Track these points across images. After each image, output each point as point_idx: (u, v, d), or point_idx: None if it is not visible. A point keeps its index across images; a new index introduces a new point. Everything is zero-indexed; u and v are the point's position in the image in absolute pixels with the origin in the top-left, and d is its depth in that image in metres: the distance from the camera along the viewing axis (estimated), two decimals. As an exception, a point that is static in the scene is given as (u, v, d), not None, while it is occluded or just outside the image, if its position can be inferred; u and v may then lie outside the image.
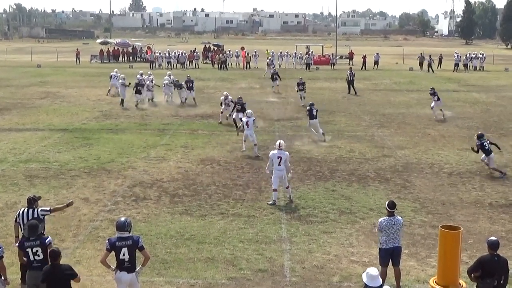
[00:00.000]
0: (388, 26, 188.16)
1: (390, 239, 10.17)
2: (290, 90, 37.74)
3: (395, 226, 10.15)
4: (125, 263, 8.85)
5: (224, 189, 16.19)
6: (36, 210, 10.23)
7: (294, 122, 26.31)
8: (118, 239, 8.85)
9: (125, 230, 8.87)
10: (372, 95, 35.93)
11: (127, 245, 8.81)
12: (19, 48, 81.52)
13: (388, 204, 10.30)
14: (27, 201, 10.40)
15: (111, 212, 14.14)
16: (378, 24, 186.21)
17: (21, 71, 49.52)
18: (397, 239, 10.23)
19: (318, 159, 19.53)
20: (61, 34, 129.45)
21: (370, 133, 24.14)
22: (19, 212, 10.30)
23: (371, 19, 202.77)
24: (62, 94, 34.89)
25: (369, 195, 15.76)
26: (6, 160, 19.11)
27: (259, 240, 12.50)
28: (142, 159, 19.35)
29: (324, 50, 63.55)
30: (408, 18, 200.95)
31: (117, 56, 62.11)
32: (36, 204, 10.36)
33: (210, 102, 32.48)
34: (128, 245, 8.81)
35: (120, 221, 9.01)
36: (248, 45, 72.87)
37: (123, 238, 8.84)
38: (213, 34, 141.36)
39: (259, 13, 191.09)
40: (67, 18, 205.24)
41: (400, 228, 10.28)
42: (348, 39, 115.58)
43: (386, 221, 10.15)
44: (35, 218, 10.00)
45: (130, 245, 8.82)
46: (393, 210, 10.23)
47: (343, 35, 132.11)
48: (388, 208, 10.23)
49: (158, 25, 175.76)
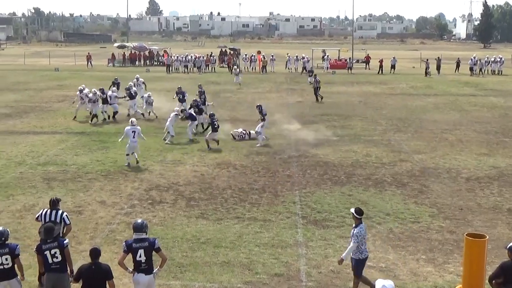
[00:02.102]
0: (405, 29, 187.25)
1: (365, 247, 10.13)
2: (306, 95, 37.73)
3: (366, 233, 10.13)
4: (142, 264, 8.94)
5: (240, 193, 16.19)
6: (59, 212, 10.32)
7: (311, 126, 26.24)
8: (135, 240, 8.98)
9: (142, 231, 9.01)
10: (389, 100, 35.76)
11: (144, 247, 8.92)
12: (37, 52, 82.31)
13: (357, 211, 10.07)
14: (50, 202, 10.49)
15: (128, 215, 14.20)
16: (395, 27, 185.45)
17: (39, 75, 49.99)
18: (366, 246, 10.20)
19: (335, 164, 19.47)
20: (78, 38, 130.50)
21: (386, 137, 24.02)
22: (41, 212, 10.41)
23: (387, 23, 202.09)
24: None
25: (386, 200, 15.68)
26: (24, 162, 19.29)
27: (275, 245, 12.48)
28: (159, 163, 19.42)
29: (340, 54, 63.40)
30: (425, 21, 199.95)
31: (134, 60, 62.49)
32: (59, 205, 10.46)
33: (226, 106, 32.53)
34: (145, 247, 8.93)
35: (137, 223, 9.15)
36: (264, 49, 72.92)
37: (139, 240, 8.96)
38: (230, 38, 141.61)
39: (275, 17, 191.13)
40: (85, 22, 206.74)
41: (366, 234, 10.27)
42: (365, 43, 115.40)
43: (362, 230, 9.98)
44: (56, 220, 10.10)
45: (146, 246, 8.94)
46: (361, 216, 10.08)
47: (359, 39, 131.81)
48: (357, 215, 10.01)
49: (174, 29, 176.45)
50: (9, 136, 23.52)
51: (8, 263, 8.87)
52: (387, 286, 7.53)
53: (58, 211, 10.35)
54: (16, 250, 8.93)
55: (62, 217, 10.31)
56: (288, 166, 19.14)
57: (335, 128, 26.06)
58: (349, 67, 55.30)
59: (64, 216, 10.36)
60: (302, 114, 29.72)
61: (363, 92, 39.51)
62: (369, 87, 42.35)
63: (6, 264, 8.86)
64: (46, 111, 29.68)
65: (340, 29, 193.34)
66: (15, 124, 26.36)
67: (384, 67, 53.16)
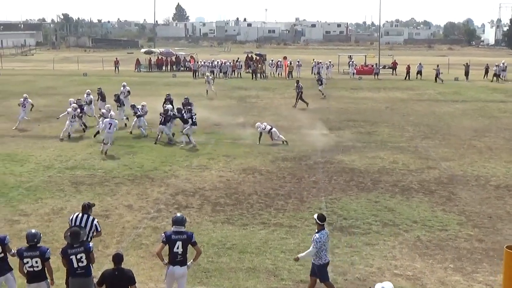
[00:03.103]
0: (433, 35, 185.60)
1: (326, 253, 10.13)
2: (332, 100, 37.60)
3: (328, 239, 10.13)
4: (178, 256, 9.40)
5: (266, 198, 16.18)
6: (90, 218, 10.36)
7: (337, 133, 26.14)
8: (174, 233, 9.45)
9: (182, 224, 9.54)
10: (416, 106, 35.44)
11: (182, 239, 9.41)
12: (66, 57, 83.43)
13: (319, 217, 10.09)
14: (82, 207, 10.57)
15: (154, 220, 14.28)
16: (422, 33, 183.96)
17: (68, 80, 50.65)
18: (327, 252, 10.22)
19: (361, 170, 19.34)
20: (106, 44, 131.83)
21: (413, 144, 23.80)
22: (72, 216, 10.49)
23: (415, 28, 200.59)
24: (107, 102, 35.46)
25: (413, 207, 15.51)
26: (53, 166, 19.54)
27: (300, 251, 12.39)
28: (185, 168, 19.51)
29: (366, 59, 63.06)
30: (453, 27, 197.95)
31: (160, 65, 62.98)
32: (91, 211, 10.55)
33: (252, 111, 32.57)
34: (183, 239, 9.42)
35: (177, 216, 9.70)
36: (290, 55, 72.90)
37: (178, 233, 9.44)
38: (255, 43, 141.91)
39: (301, 22, 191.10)
40: (113, 28, 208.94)
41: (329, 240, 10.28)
42: (391, 49, 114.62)
43: (323, 236, 9.97)
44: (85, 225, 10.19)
45: (184, 239, 9.43)
46: (324, 222, 10.09)
47: (386, 44, 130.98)
48: (319, 221, 10.03)
49: (201, 35, 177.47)
50: (38, 141, 23.85)
51: (38, 265, 8.98)
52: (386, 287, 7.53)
53: (89, 217, 10.38)
54: (46, 253, 9.03)
55: (93, 223, 10.33)
56: (314, 172, 19.08)
57: (361, 134, 25.91)
58: (376, 73, 54.99)
59: (95, 223, 10.37)
60: (328, 120, 29.60)
61: (389, 98, 39.23)
62: (396, 93, 42.04)
63: (36, 266, 8.97)
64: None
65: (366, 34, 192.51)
66: (44, 129, 26.74)
67: (411, 73, 52.74)
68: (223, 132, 26.19)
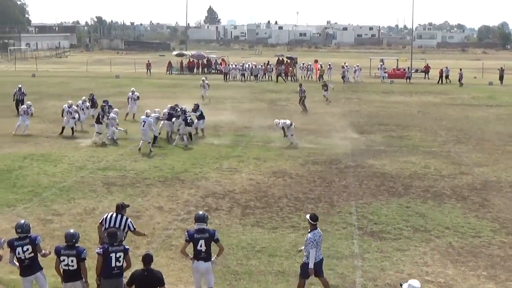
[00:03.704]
0: (466, 39, 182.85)
1: (318, 253, 10.17)
2: (363, 104, 37.37)
3: (320, 238, 10.20)
4: (202, 253, 9.64)
5: (296, 202, 16.13)
6: (123, 218, 10.54)
7: (368, 137, 25.95)
8: (196, 231, 9.68)
9: (203, 221, 9.79)
10: (449, 110, 34.99)
11: (204, 237, 9.63)
12: (99, 60, 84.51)
13: (312, 217, 10.25)
14: (116, 207, 10.73)
15: (184, 222, 14.35)
16: (456, 37, 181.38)
17: (100, 82, 51.31)
18: (320, 251, 10.26)
19: (392, 175, 19.16)
20: (139, 46, 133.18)
21: (446, 149, 23.48)
22: (105, 216, 10.65)
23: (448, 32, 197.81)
24: (139, 104, 35.80)
25: (445, 213, 15.30)
26: (85, 167, 19.79)
27: (330, 255, 12.35)
28: (215, 170, 19.57)
29: (399, 63, 62.49)
30: (487, 30, 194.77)
31: (192, 68, 63.34)
32: (124, 211, 10.70)
33: (283, 114, 32.52)
34: (205, 238, 9.63)
35: (199, 214, 10.01)
36: (321, 58, 72.65)
37: (201, 231, 9.67)
38: (286, 46, 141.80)
39: (332, 25, 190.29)
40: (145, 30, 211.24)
41: (321, 240, 10.31)
42: (424, 52, 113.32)
43: (316, 235, 10.08)
44: (120, 226, 10.36)
45: (206, 237, 9.64)
46: (316, 222, 10.21)
47: (418, 48, 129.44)
48: (312, 221, 10.18)
49: (232, 37, 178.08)
50: (71, 142, 24.19)
51: (74, 265, 9.10)
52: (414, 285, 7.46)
53: (123, 217, 10.56)
54: (82, 253, 9.14)
55: (126, 223, 10.51)
56: (345, 176, 18.96)
57: (393, 138, 25.68)
58: (408, 77, 54.45)
59: (128, 222, 10.56)
60: (359, 124, 29.41)
61: (422, 102, 38.81)
62: (428, 97, 41.57)
63: (71, 266, 9.10)
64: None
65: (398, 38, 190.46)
66: (76, 130, 27.06)
67: (444, 77, 52.10)
68: (253, 134, 26.22)
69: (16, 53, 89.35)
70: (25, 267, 9.47)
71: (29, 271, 9.49)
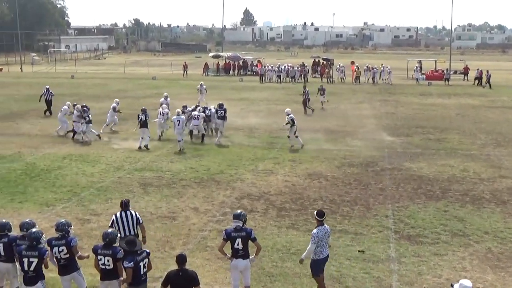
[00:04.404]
0: (507, 40, 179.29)
1: (324, 249, 10.19)
2: (400, 106, 36.96)
3: (326, 235, 10.22)
4: (239, 251, 9.87)
5: (331, 204, 16.04)
6: (132, 212, 10.98)
7: (404, 139, 25.64)
8: (234, 230, 9.88)
9: (239, 219, 9.95)
10: (488, 113, 34.34)
11: (241, 236, 9.84)
12: (136, 61, 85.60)
13: (318, 213, 10.33)
14: (123, 204, 11.03)
15: (220, 223, 14.40)
16: (496, 38, 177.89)
17: (138, 83, 51.95)
18: (327, 247, 10.31)
19: (429, 178, 18.89)
20: (175, 48, 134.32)
21: (485, 152, 23.04)
22: (115, 217, 10.91)
23: (488, 33, 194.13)
24: (175, 106, 36.10)
25: (484, 217, 15.00)
26: (122, 168, 20.04)
27: (366, 259, 12.24)
28: (250, 172, 19.60)
29: (437, 65, 61.63)
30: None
31: (227, 70, 63.61)
32: (129, 207, 11.06)
33: (318, 116, 32.41)
34: (242, 236, 9.84)
35: (237, 212, 10.23)
36: (357, 60, 72.18)
37: (238, 230, 9.87)
38: (322, 48, 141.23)
39: (369, 27, 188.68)
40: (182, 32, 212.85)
41: (329, 237, 10.36)
42: (463, 54, 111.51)
43: (320, 231, 10.13)
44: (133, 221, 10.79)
45: (243, 236, 9.85)
46: (322, 218, 10.25)
47: (457, 49, 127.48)
48: (318, 217, 10.25)
49: (268, 39, 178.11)
50: (109, 142, 24.53)
51: (110, 264, 9.20)
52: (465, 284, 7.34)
53: (132, 212, 10.97)
54: (118, 254, 9.21)
55: (137, 217, 10.95)
56: (381, 179, 18.77)
57: (430, 141, 25.32)
58: (446, 79, 53.65)
59: (138, 215, 11.02)
60: (396, 126, 29.10)
61: (460, 104, 38.18)
62: (467, 99, 40.87)
63: (108, 265, 9.20)
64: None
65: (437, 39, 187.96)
66: (114, 131, 27.45)
67: (483, 79, 51.13)
68: (289, 136, 26.10)
69: (56, 55, 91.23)
70: (62, 266, 9.63)
71: (65, 270, 9.64)
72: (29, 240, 9.18)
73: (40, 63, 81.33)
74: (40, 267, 9.18)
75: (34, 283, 9.13)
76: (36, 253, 9.10)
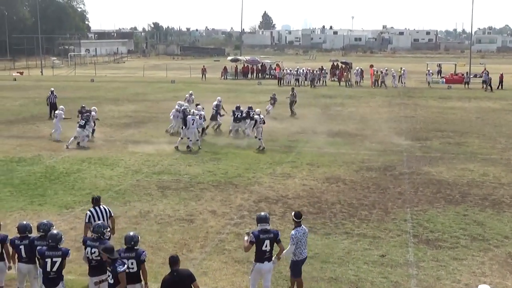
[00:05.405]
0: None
1: (303, 250, 10.33)
2: (419, 109, 36.72)
3: (304, 236, 10.38)
4: (266, 253, 9.90)
5: (350, 208, 15.97)
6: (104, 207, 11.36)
7: (424, 143, 25.46)
8: (261, 232, 9.91)
9: (266, 222, 10.00)
10: (509, 116, 33.96)
11: (269, 238, 9.90)
12: (155, 65, 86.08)
13: (296, 214, 10.43)
14: (94, 200, 11.40)
15: (237, 226, 14.41)
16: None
17: (156, 86, 52.21)
18: (305, 248, 10.47)
19: (449, 182, 18.73)
20: (194, 51, 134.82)
21: (506, 156, 22.79)
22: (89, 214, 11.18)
23: (509, 36, 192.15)
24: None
25: (504, 222, 14.84)
26: (141, 171, 20.15)
27: (384, 263, 12.17)
28: (268, 175, 19.59)
29: (457, 68, 61.12)
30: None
31: (246, 73, 63.69)
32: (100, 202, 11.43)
33: (337, 119, 32.33)
34: (270, 238, 9.91)
35: (262, 215, 10.23)
36: (376, 63, 71.88)
37: (265, 231, 9.92)
38: (341, 51, 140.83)
39: (388, 30, 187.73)
40: (200, 36, 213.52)
41: (307, 237, 10.50)
42: (483, 57, 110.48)
43: (298, 232, 10.29)
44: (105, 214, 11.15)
45: (271, 237, 9.92)
46: (300, 220, 10.37)
47: (477, 52, 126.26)
48: (296, 218, 10.36)
49: (286, 43, 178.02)
50: (127, 145, 24.68)
51: (134, 267, 9.16)
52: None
53: (103, 207, 11.33)
54: (142, 255, 9.20)
55: (109, 210, 11.39)
56: (399, 183, 18.66)
57: (450, 145, 25.11)
58: (466, 82, 53.19)
59: (108, 209, 11.42)
60: (415, 130, 28.91)
61: (480, 108, 37.83)
62: (487, 103, 40.48)
63: (132, 268, 9.13)
64: (162, 122, 30.72)
65: (456, 42, 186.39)
66: (133, 134, 27.62)
67: (504, 82, 50.57)
68: (307, 140, 26.11)
69: (76, 58, 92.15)
70: (92, 267, 9.70)
71: (95, 272, 9.67)
72: (52, 241, 9.26)
73: (61, 67, 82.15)
74: (62, 268, 9.28)
75: (55, 285, 9.20)
76: (59, 252, 9.21)
